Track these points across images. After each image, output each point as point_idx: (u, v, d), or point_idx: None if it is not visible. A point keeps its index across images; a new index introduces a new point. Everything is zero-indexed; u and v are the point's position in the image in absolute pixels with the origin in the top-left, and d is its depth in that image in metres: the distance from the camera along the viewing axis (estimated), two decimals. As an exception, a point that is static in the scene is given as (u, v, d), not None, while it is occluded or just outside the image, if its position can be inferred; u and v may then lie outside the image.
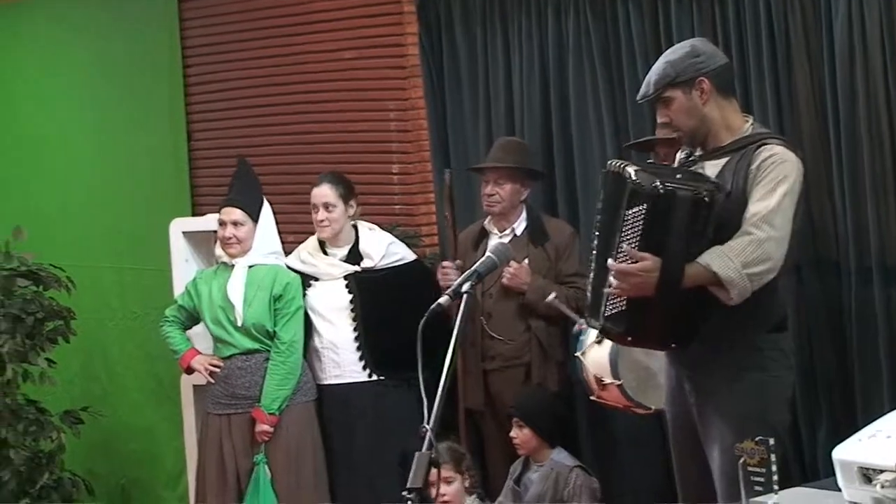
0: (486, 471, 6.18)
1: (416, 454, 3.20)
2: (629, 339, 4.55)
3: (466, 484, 5.73)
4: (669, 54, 4.48)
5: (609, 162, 4.48)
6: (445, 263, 6.08)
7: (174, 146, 8.09)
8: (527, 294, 5.89)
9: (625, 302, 4.28)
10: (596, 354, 5.35)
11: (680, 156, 4.64)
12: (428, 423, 3.24)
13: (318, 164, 6.98)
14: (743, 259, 4.13)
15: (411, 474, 3.18)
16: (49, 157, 8.86)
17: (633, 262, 4.18)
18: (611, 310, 4.34)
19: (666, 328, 4.35)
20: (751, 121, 4.52)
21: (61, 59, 8.81)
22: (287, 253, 6.35)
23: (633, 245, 4.18)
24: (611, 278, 4.24)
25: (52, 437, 7.59)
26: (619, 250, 4.22)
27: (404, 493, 3.17)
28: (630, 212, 4.21)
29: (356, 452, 6.20)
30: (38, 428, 7.55)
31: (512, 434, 5.74)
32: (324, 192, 6.17)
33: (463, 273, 3.77)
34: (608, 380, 5.28)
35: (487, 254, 3.68)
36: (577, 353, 5.46)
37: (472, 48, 6.50)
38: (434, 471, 3.20)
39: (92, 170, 8.61)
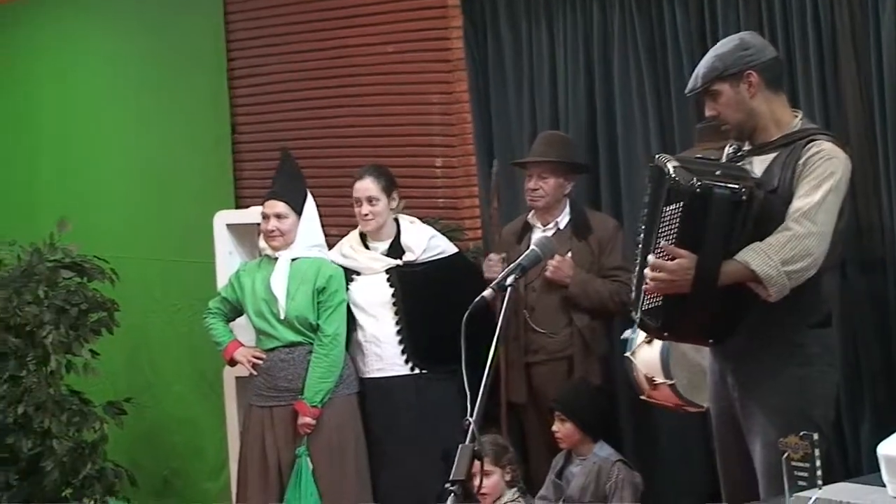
0: (528, 464, 6.20)
1: (460, 446, 3.24)
2: (665, 333, 4.61)
3: (507, 478, 5.76)
4: (719, 47, 4.50)
5: (656, 156, 4.51)
6: (492, 256, 6.11)
7: (218, 139, 8.14)
8: (570, 288, 5.92)
9: (661, 298, 4.32)
10: (646, 354, 5.34)
11: (728, 150, 4.66)
12: (471, 416, 3.27)
13: (362, 158, 6.99)
14: (782, 256, 4.15)
15: (454, 466, 3.21)
16: (94, 149, 8.95)
17: (669, 259, 4.20)
18: (648, 304, 4.40)
19: (702, 324, 4.39)
20: (800, 116, 4.53)
21: (108, 52, 8.92)
22: (330, 246, 6.38)
23: (670, 241, 4.23)
24: (647, 273, 4.28)
25: (95, 427, 7.64)
26: (658, 246, 4.26)
27: (447, 485, 3.21)
28: (668, 208, 4.25)
29: (398, 445, 6.23)
30: (82, 418, 7.58)
31: (554, 428, 5.77)
32: (367, 186, 6.19)
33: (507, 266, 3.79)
34: (660, 379, 5.28)
35: (531, 247, 3.70)
36: (627, 354, 5.47)
37: (516, 42, 6.53)
38: (476, 463, 3.23)
39: (137, 162, 8.67)
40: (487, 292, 3.48)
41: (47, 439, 7.47)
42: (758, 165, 4.41)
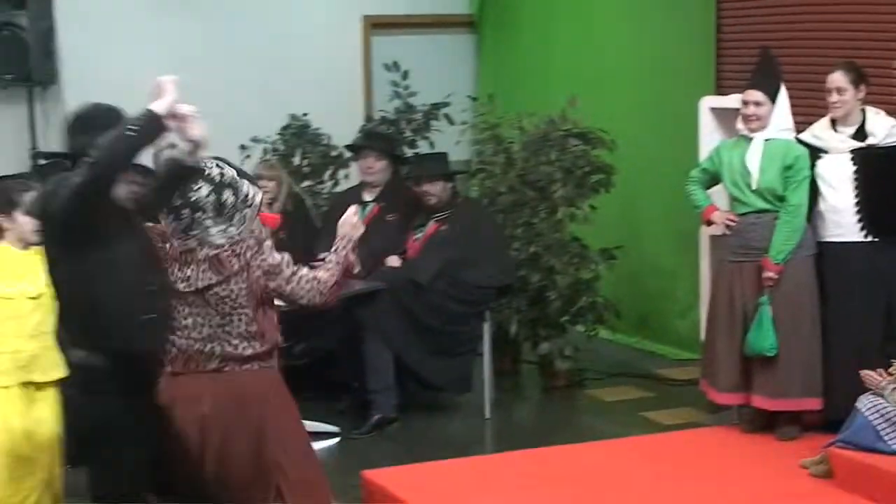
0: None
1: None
2: None
3: None
4: None
5: None
6: None
7: (704, 34, 8.13)
8: None
9: None
10: None
11: None
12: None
13: (831, 55, 6.85)
14: None
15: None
16: (600, 40, 9.11)
17: None
18: None
19: None
20: None
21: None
22: (799, 131, 6.33)
23: None
24: None
25: (590, 268, 7.87)
26: None
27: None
28: None
29: (848, 302, 6.20)
30: (580, 260, 7.84)
31: None
32: (837, 78, 6.12)
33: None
34: None
35: None
36: None
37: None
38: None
39: (635, 52, 8.78)
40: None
41: (552, 274, 7.75)
42: None
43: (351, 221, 4.40)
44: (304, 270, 4.31)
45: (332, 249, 4.40)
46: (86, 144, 4.13)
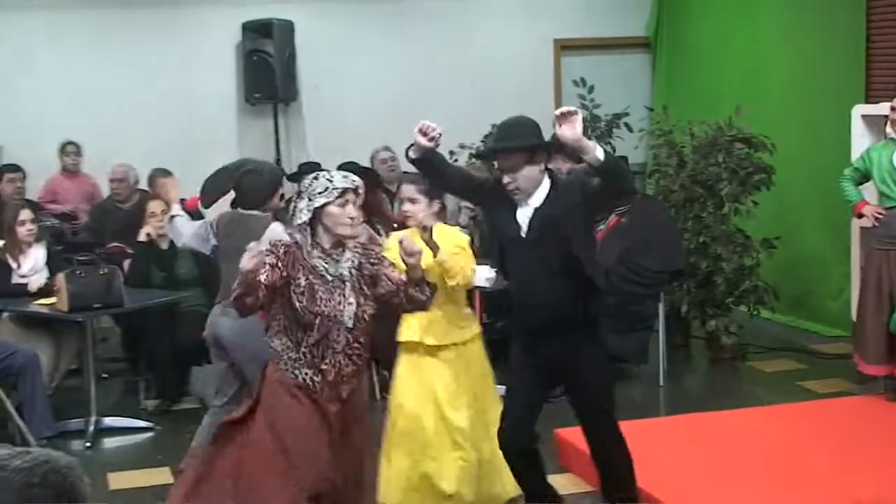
0: None
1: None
2: None
3: None
4: None
5: None
6: None
7: (855, 49, 8.03)
8: None
9: None
10: None
11: None
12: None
13: None
14: None
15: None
16: (761, 55, 9.07)
17: None
18: None
19: None
20: None
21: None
22: None
23: None
24: None
25: (752, 255, 7.87)
26: None
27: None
28: None
29: None
30: (743, 249, 7.85)
31: None
32: None
33: None
34: None
35: None
36: None
37: None
38: None
39: (791, 66, 8.75)
40: None
41: (718, 261, 7.76)
42: None
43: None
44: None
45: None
46: None
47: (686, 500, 5.02)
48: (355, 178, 4.07)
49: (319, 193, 3.95)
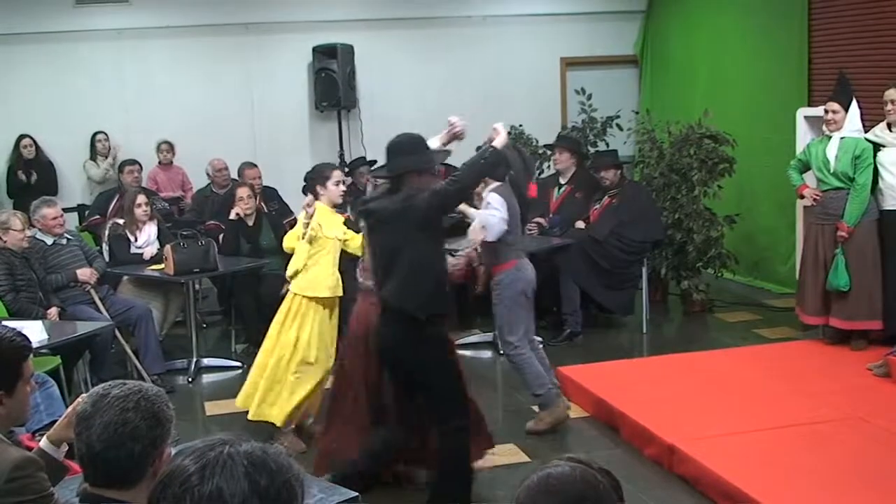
0: None
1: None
2: None
3: None
4: None
5: None
6: None
7: (799, 62, 7.87)
8: None
9: None
10: None
11: None
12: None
13: (893, 76, 6.45)
14: None
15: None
16: (724, 68, 8.91)
17: None
18: None
19: None
20: None
21: (729, 21, 8.80)
22: (866, 132, 6.11)
23: None
24: None
25: (717, 229, 7.80)
26: None
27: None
28: None
29: None
30: (710, 224, 7.78)
31: None
32: (892, 93, 5.89)
33: None
34: None
35: None
36: None
37: None
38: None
39: (748, 76, 8.49)
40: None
41: (690, 234, 7.74)
42: None
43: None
44: None
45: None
46: (401, 163, 3.91)
47: (666, 423, 4.98)
48: None
49: None
